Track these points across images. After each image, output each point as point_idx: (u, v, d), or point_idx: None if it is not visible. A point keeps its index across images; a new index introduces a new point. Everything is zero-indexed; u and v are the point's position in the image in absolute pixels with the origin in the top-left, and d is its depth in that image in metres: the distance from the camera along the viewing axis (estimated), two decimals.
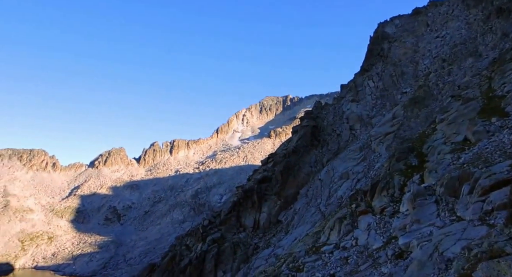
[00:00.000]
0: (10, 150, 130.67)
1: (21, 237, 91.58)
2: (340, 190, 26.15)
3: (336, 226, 16.53)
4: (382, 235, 13.02)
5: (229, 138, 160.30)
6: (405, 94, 32.26)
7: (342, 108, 37.92)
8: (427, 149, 17.12)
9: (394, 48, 39.64)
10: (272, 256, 23.91)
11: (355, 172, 26.56)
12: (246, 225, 31.94)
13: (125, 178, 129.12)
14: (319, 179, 29.95)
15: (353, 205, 17.17)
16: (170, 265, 32.61)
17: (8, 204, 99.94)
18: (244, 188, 34.56)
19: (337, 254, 13.86)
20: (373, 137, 27.74)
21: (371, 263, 11.48)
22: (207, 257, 29.41)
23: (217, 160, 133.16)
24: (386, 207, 14.65)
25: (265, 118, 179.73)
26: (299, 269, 14.54)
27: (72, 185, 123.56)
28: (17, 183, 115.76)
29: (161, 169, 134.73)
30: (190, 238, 35.17)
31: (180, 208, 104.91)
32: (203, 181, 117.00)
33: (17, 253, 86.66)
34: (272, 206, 31.65)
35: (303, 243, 18.60)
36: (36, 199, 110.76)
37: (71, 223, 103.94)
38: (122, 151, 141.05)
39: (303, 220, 26.75)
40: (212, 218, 35.19)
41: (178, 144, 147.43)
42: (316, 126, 37.89)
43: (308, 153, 35.16)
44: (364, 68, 41.62)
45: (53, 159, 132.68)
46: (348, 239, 14.61)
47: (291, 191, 32.02)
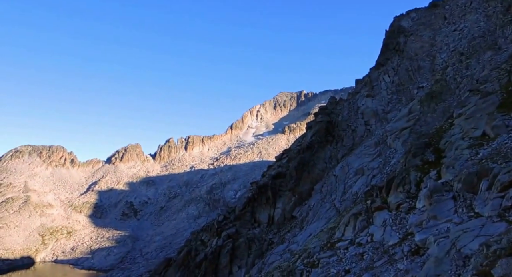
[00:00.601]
0: (30, 146, 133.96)
1: (41, 231, 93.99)
2: (355, 186, 25.97)
3: (351, 222, 16.47)
4: (398, 231, 12.92)
5: (243, 134, 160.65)
6: (422, 88, 31.72)
7: (357, 103, 37.53)
8: (444, 145, 16.85)
9: (411, 42, 38.96)
10: (286, 251, 23.97)
11: (370, 168, 26.32)
12: (260, 221, 32.06)
13: (141, 174, 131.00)
14: (334, 175, 29.79)
15: (368, 201, 17.06)
16: (186, 260, 33.04)
17: (28, 200, 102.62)
18: (259, 184, 34.64)
19: (352, 250, 13.82)
20: (388, 133, 27.41)
21: (387, 259, 11.42)
22: (222, 252, 29.68)
23: (231, 156, 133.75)
24: (402, 203, 14.51)
25: (279, 114, 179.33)
26: (314, 265, 14.56)
27: (89, 181, 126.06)
28: (37, 178, 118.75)
29: (176, 165, 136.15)
30: (205, 233, 35.52)
31: (195, 203, 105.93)
32: (218, 177, 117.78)
33: (38, 247, 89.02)
34: (286, 202, 31.67)
35: (317, 239, 18.60)
36: (55, 195, 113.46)
37: (89, 218, 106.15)
38: (138, 147, 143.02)
39: (318, 216, 26.70)
40: (227, 213, 35.44)
41: (193, 140, 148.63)
42: (330, 121, 37.62)
43: (323, 149, 34.98)
44: (379, 63, 41.06)
45: (72, 155, 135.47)
46: (364, 235, 14.54)
47: (306, 187, 31.96)
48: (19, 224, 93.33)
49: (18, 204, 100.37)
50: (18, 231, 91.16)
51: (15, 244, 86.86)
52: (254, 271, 25.29)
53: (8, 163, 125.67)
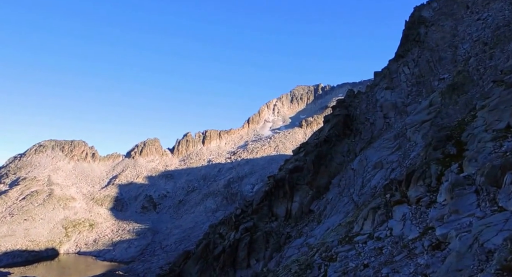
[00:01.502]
0: (52, 141, 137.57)
1: (64, 224, 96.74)
2: (373, 179, 25.66)
3: (369, 216, 16.30)
4: (418, 225, 12.72)
5: (260, 128, 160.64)
6: (443, 80, 30.92)
7: (376, 96, 36.92)
8: (466, 137, 16.41)
9: (431, 32, 37.96)
10: (304, 245, 23.96)
11: (389, 162, 25.93)
12: (278, 215, 32.10)
13: (160, 168, 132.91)
14: (352, 168, 29.50)
15: (387, 195, 16.83)
16: (205, 253, 33.46)
17: (52, 193, 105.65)
18: (276, 178, 34.63)
19: (371, 244, 13.69)
20: (408, 126, 26.89)
21: (407, 254, 11.27)
22: (240, 246, 29.91)
23: (248, 150, 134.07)
24: (422, 197, 14.25)
25: (296, 107, 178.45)
26: (332, 259, 14.51)
27: (110, 175, 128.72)
28: (60, 172, 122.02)
29: (194, 159, 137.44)
30: (223, 226, 35.84)
31: (213, 197, 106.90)
32: (235, 171, 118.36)
33: (61, 239, 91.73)
34: (304, 196, 31.58)
35: (335, 233, 18.51)
36: (77, 188, 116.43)
37: (110, 211, 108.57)
38: (156, 141, 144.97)
39: (336, 210, 26.54)
40: (244, 207, 35.61)
41: (210, 135, 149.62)
42: (348, 115, 37.18)
43: (341, 142, 34.65)
44: (398, 54, 40.20)
45: (93, 150, 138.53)
46: (382, 229, 14.38)
47: (323, 180, 31.77)
48: (44, 216, 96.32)
49: (42, 197, 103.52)
50: (42, 223, 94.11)
51: (40, 236, 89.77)
52: (272, 264, 25.41)
53: (32, 157, 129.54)
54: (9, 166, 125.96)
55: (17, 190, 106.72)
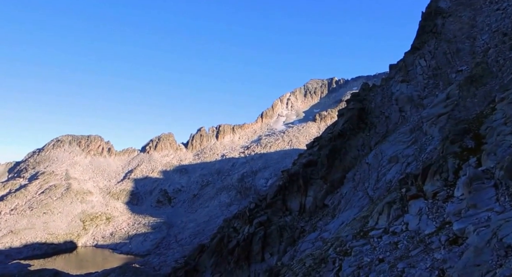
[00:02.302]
0: (70, 136, 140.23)
1: (82, 217, 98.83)
2: (389, 174, 25.36)
3: (385, 211, 16.12)
4: (434, 220, 12.52)
5: (274, 122, 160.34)
6: (461, 72, 30.21)
7: (391, 89, 36.36)
8: (485, 130, 16.04)
9: (449, 23, 37.06)
10: (318, 239, 23.92)
11: (405, 156, 25.56)
12: (292, 209, 32.09)
13: (174, 162, 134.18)
14: (367, 162, 29.20)
15: (403, 189, 16.61)
16: (219, 246, 33.76)
17: (70, 187, 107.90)
18: (290, 172, 34.57)
19: (386, 239, 13.56)
20: (424, 119, 26.43)
21: (423, 249, 11.13)
22: (254, 239, 30.06)
23: (262, 144, 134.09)
24: (439, 191, 14.01)
25: (309, 101, 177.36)
26: (347, 253, 14.44)
27: (126, 169, 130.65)
28: (77, 167, 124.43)
29: (208, 153, 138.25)
30: (237, 220, 36.05)
31: (227, 191, 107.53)
32: (249, 166, 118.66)
33: (79, 232, 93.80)
34: (318, 190, 31.46)
35: (350, 227, 18.40)
36: (94, 182, 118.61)
37: (126, 205, 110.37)
38: (170, 136, 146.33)
39: (350, 204, 26.37)
40: (258, 201, 35.70)
41: (223, 129, 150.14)
42: (363, 108, 36.75)
43: (355, 136, 34.31)
44: (415, 46, 39.42)
45: (108, 145, 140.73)
46: (398, 224, 14.21)
47: (338, 175, 31.56)
48: (62, 210, 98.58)
49: (61, 191, 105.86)
50: (61, 217, 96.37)
51: (58, 229, 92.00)
52: (286, 258, 25.47)
53: (50, 152, 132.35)
54: (28, 161, 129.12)
55: (36, 184, 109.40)
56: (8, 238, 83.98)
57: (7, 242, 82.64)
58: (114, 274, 48.46)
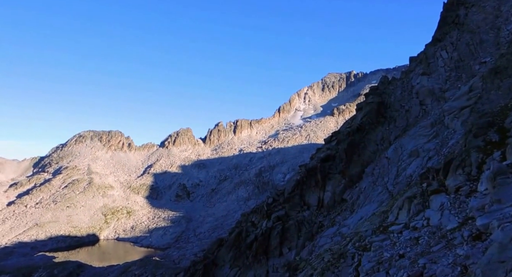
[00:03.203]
0: (91, 132, 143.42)
1: (104, 211, 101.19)
2: (409, 168, 24.91)
3: (405, 206, 15.87)
4: (457, 215, 12.25)
5: (291, 117, 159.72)
6: (484, 64, 29.29)
7: (411, 82, 35.60)
8: (509, 124, 15.54)
9: (472, 14, 35.92)
10: (337, 234, 23.78)
11: (426, 150, 25.04)
12: (310, 204, 31.96)
13: (192, 157, 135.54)
14: (386, 157, 28.76)
15: (424, 184, 16.30)
16: (237, 241, 33.98)
17: (92, 181, 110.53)
18: (307, 167, 34.39)
19: (407, 234, 13.36)
20: (446, 112, 25.79)
21: (445, 244, 10.91)
22: (272, 234, 30.11)
23: (279, 139, 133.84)
24: (461, 186, 13.69)
25: (327, 95, 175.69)
26: (366, 248, 14.30)
27: (145, 164, 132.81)
28: (99, 162, 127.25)
29: (226, 148, 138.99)
30: (255, 215, 36.16)
31: (244, 186, 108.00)
32: (266, 160, 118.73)
33: (101, 226, 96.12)
34: (336, 185, 31.21)
35: (369, 223, 18.20)
36: (115, 177, 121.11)
37: (146, 199, 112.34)
38: (189, 131, 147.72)
39: (369, 199, 26.07)
40: (276, 196, 35.70)
41: (241, 124, 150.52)
42: (382, 102, 36.13)
43: (374, 131, 33.81)
44: (436, 38, 38.41)
45: (129, 140, 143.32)
46: (419, 219, 13.97)
47: (356, 169, 31.21)
48: (85, 204, 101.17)
49: (83, 185, 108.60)
50: (84, 210, 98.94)
51: (81, 222, 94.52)
52: (305, 253, 25.45)
53: (72, 147, 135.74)
54: (52, 156, 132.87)
55: (60, 178, 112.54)
56: (33, 231, 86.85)
57: (32, 235, 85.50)
58: (135, 267, 49.52)
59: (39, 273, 50.67)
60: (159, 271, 46.41)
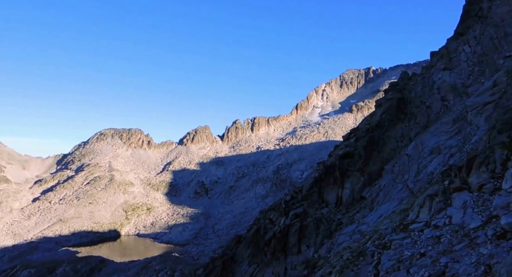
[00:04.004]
0: (112, 130, 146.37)
1: (124, 207, 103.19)
2: (430, 165, 24.43)
3: (426, 204, 15.58)
4: (480, 213, 11.96)
5: (309, 114, 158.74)
6: (509, 58, 28.38)
7: (433, 77, 34.84)
8: None
9: (496, 6, 34.81)
10: (356, 232, 23.57)
11: (447, 147, 24.49)
12: (328, 201, 31.77)
13: (210, 154, 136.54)
14: (406, 154, 28.28)
15: (446, 182, 15.96)
16: (256, 238, 34.11)
17: (113, 178, 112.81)
18: (326, 164, 34.17)
19: (428, 233, 13.12)
20: (469, 108, 25.14)
21: (468, 243, 10.68)
22: (290, 231, 30.09)
23: (297, 136, 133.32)
24: (485, 183, 13.34)
25: (345, 92, 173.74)
26: (386, 247, 14.13)
27: (164, 161, 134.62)
28: (119, 159, 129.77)
29: (243, 146, 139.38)
30: (273, 212, 36.20)
31: (262, 183, 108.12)
32: (284, 158, 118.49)
33: (122, 222, 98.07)
34: (355, 182, 30.91)
35: (389, 220, 17.97)
36: (135, 174, 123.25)
37: (165, 196, 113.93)
38: (207, 129, 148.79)
39: (389, 196, 25.71)
40: (294, 193, 35.63)
41: (258, 121, 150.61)
42: (402, 98, 35.51)
43: (394, 127, 33.29)
44: (458, 32, 37.44)
45: (148, 138, 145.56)
46: (441, 217, 13.70)
47: (376, 167, 30.82)
48: (106, 200, 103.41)
49: (104, 182, 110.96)
50: (105, 206, 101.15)
51: (103, 218, 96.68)
52: (323, 250, 25.33)
53: (94, 145, 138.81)
54: (74, 153, 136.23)
55: (82, 175, 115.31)
56: (57, 226, 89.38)
57: (56, 230, 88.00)
58: (155, 262, 50.36)
59: (63, 267, 52.15)
60: (179, 267, 47.07)
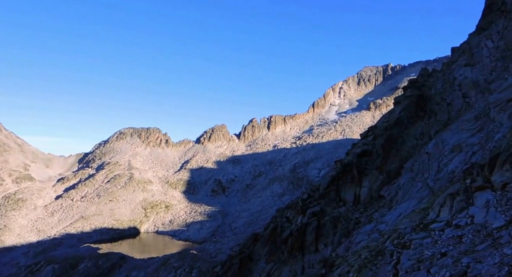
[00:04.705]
0: (131, 129, 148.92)
1: (144, 205, 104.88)
2: (451, 164, 23.90)
3: (447, 203, 15.27)
4: (504, 213, 11.65)
5: (326, 112, 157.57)
6: None
7: (454, 73, 34.04)
8: None
9: None
10: (374, 231, 23.30)
11: (469, 144, 23.91)
12: (345, 200, 31.49)
13: (227, 153, 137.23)
14: (426, 152, 27.74)
15: (468, 180, 15.60)
16: (273, 236, 34.12)
17: (132, 176, 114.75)
18: (343, 162, 33.86)
19: (449, 232, 12.87)
20: (492, 105, 24.46)
21: (491, 243, 10.43)
22: (307, 230, 29.96)
23: (314, 134, 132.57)
24: (508, 182, 12.99)
25: (363, 89, 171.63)
26: (405, 246, 13.92)
27: (182, 160, 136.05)
28: (138, 158, 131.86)
29: (260, 144, 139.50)
30: (290, 210, 36.12)
31: (279, 182, 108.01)
32: (301, 156, 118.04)
33: (142, 219, 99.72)
34: (373, 181, 30.53)
35: (409, 219, 17.69)
36: (154, 172, 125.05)
37: (183, 194, 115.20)
38: (223, 127, 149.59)
39: (408, 195, 25.29)
40: (311, 192, 35.45)
41: (275, 120, 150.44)
42: (422, 95, 34.84)
43: (413, 125, 32.70)
44: (480, 27, 36.43)
45: (166, 136, 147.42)
46: (462, 217, 13.41)
47: (394, 165, 30.36)
48: (126, 198, 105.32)
49: (124, 180, 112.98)
50: (125, 204, 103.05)
51: (123, 215, 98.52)
52: (341, 249, 25.15)
53: (114, 144, 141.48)
54: (95, 152, 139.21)
55: (103, 173, 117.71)
56: (79, 223, 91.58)
57: (78, 227, 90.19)
58: (174, 259, 50.99)
59: (85, 263, 53.39)
60: (197, 264, 47.54)
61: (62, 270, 52.14)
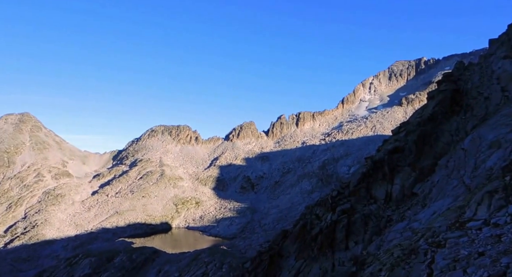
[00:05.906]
0: (162, 126, 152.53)
1: (175, 201, 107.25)
2: (489, 160, 22.94)
3: (485, 201, 14.72)
4: None
5: (356, 108, 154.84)
6: None
7: (492, 66, 32.56)
8: None
9: None
10: (407, 229, 22.77)
11: (508, 140, 22.86)
12: (377, 197, 30.91)
13: (256, 150, 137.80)
14: (462, 148, 26.75)
15: (507, 178, 14.98)
16: (302, 233, 34.04)
17: (163, 173, 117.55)
18: (374, 159, 33.21)
19: (487, 231, 12.41)
20: None
21: None
22: (337, 227, 29.67)
23: (343, 131, 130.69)
24: None
25: (395, 84, 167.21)
26: (440, 245, 13.55)
27: (211, 157, 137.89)
28: (169, 155, 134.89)
29: (288, 141, 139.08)
30: (319, 207, 35.87)
31: (308, 178, 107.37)
32: (330, 153, 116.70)
33: (173, 215, 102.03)
34: (405, 178, 29.78)
35: (443, 218, 17.18)
36: (184, 169, 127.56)
37: (213, 190, 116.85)
38: (252, 124, 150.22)
39: (443, 193, 24.51)
40: (341, 189, 35.02)
41: (304, 117, 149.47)
42: (457, 89, 33.56)
43: (448, 120, 31.59)
44: None
45: (196, 134, 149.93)
46: (501, 215, 12.89)
47: (428, 162, 29.47)
48: (157, 194, 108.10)
49: (156, 177, 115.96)
50: (157, 200, 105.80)
51: (155, 211, 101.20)
52: (372, 247, 24.76)
53: (146, 141, 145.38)
54: (128, 149, 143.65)
55: (136, 170, 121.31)
56: (114, 218, 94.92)
57: (113, 222, 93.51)
58: (204, 255, 51.92)
59: (120, 257, 55.33)
60: (227, 259, 48.17)
61: (98, 263, 54.31)
